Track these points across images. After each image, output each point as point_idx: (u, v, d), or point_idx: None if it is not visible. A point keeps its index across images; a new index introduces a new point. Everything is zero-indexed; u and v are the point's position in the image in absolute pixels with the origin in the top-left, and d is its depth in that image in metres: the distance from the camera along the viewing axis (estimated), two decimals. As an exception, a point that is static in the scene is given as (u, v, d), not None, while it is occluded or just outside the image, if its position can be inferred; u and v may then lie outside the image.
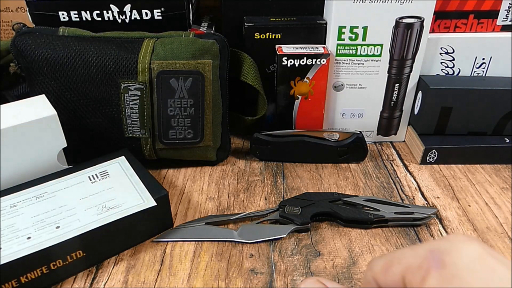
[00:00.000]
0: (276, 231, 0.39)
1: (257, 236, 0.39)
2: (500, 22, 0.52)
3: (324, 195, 0.42)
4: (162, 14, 0.48)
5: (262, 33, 0.50)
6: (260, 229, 0.40)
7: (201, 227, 0.40)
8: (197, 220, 0.41)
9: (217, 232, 0.39)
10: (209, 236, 0.39)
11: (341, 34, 0.49)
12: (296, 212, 0.40)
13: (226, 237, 0.39)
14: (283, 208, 0.41)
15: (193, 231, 0.39)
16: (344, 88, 0.53)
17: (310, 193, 0.43)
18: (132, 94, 0.44)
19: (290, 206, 0.41)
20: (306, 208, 0.40)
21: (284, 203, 0.41)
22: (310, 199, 0.42)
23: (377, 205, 0.41)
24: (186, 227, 0.40)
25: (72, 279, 0.35)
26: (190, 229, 0.40)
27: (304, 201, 0.41)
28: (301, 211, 0.40)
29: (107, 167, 0.41)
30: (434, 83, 0.51)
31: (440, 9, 0.51)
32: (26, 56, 0.43)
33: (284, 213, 0.40)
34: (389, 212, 0.40)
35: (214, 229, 0.40)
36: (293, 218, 0.40)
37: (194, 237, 0.39)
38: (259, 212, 0.42)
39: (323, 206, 0.41)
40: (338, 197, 0.42)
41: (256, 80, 0.50)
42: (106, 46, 0.43)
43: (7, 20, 0.56)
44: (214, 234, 0.39)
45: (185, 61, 0.44)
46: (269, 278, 0.35)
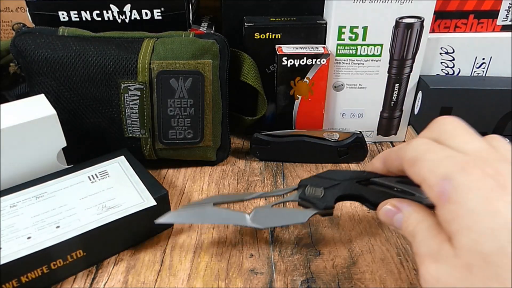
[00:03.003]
0: (294, 216, 0.34)
1: (273, 221, 0.34)
2: (500, 22, 0.52)
3: (351, 174, 0.34)
4: (162, 14, 0.48)
5: (262, 33, 0.50)
6: (276, 213, 0.35)
7: (208, 208, 0.35)
8: (204, 200, 0.36)
9: (227, 215, 0.35)
10: (217, 219, 0.35)
11: (341, 34, 0.49)
12: (318, 195, 0.33)
13: (237, 221, 0.34)
14: (303, 189, 0.34)
15: (199, 213, 0.34)
16: (344, 88, 0.53)
17: (335, 171, 0.35)
18: (132, 94, 0.44)
19: (312, 187, 0.34)
20: (330, 190, 0.34)
21: (304, 183, 0.35)
22: (334, 178, 0.34)
23: (412, 188, 0.31)
24: (191, 208, 0.35)
25: (72, 279, 0.35)
26: (196, 210, 0.35)
27: (327, 181, 0.34)
28: (324, 194, 0.33)
29: (107, 167, 0.41)
30: (434, 83, 0.51)
31: (440, 9, 0.51)
32: (26, 56, 0.43)
33: (304, 195, 0.34)
34: (425, 198, 0.30)
35: (223, 212, 0.35)
36: (314, 202, 0.33)
37: (200, 220, 0.35)
38: (274, 192, 0.37)
39: (350, 187, 0.33)
40: (367, 176, 0.33)
41: (256, 80, 0.50)
42: (106, 46, 0.43)
43: (7, 20, 0.56)
44: (223, 217, 0.35)
45: (185, 61, 0.44)
46: (269, 278, 0.35)
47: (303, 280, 0.34)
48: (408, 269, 0.36)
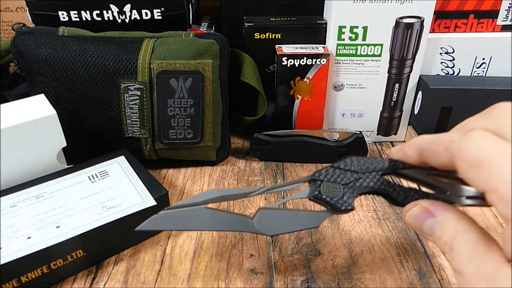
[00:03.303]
0: (306, 220, 0.28)
1: (281, 226, 0.28)
2: (500, 22, 0.52)
3: (375, 164, 0.27)
4: (162, 14, 0.48)
5: (262, 33, 0.50)
6: (284, 216, 0.29)
7: (201, 211, 0.29)
8: (195, 198, 0.29)
9: (224, 219, 0.29)
10: (213, 225, 0.29)
11: (341, 34, 0.49)
12: (336, 194, 0.28)
13: (237, 227, 0.29)
14: (316, 185, 0.28)
15: (190, 218, 0.29)
16: (344, 88, 0.53)
17: (355, 159, 0.28)
18: (132, 94, 0.44)
19: (328, 183, 0.28)
20: (350, 187, 0.28)
21: (318, 177, 0.28)
22: (355, 170, 0.28)
23: (444, 183, 0.27)
24: (179, 211, 0.29)
25: (72, 279, 0.35)
26: (185, 215, 0.29)
27: (346, 174, 0.28)
28: (343, 192, 0.28)
29: (106, 167, 0.41)
30: (434, 83, 0.51)
31: (440, 9, 0.51)
32: (26, 56, 0.43)
33: (318, 195, 0.28)
34: (459, 196, 0.26)
35: (219, 216, 0.29)
36: (332, 204, 0.28)
37: (191, 226, 0.28)
38: (281, 187, 0.30)
39: (374, 183, 0.27)
40: (394, 167, 0.27)
41: (256, 80, 0.50)
42: (106, 46, 0.43)
43: (7, 20, 0.56)
44: (220, 223, 0.29)
45: (185, 61, 0.44)
46: (269, 278, 0.35)
47: (303, 280, 0.34)
48: (408, 269, 0.36)
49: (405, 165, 0.27)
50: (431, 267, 0.36)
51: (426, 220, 0.24)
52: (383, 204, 0.44)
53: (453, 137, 0.21)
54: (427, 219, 0.24)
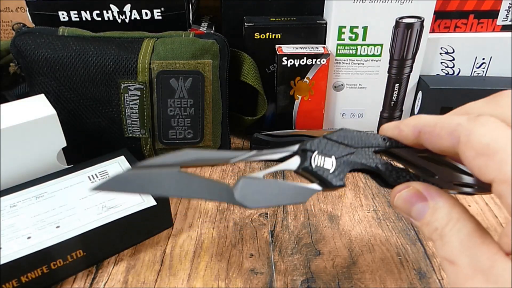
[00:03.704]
0: (292, 194, 0.25)
1: (265, 199, 0.24)
2: (500, 22, 0.52)
3: (369, 140, 0.26)
4: (162, 14, 0.48)
5: (262, 33, 0.50)
6: (269, 188, 0.25)
7: (173, 173, 0.23)
8: (169, 158, 0.24)
9: (201, 185, 0.24)
10: (185, 191, 0.23)
11: (341, 34, 0.49)
12: (328, 168, 0.25)
13: (214, 196, 0.24)
14: (307, 156, 0.25)
15: (159, 180, 0.23)
16: (344, 88, 0.53)
17: (348, 132, 0.26)
18: (132, 94, 0.44)
19: (321, 155, 0.25)
20: (343, 160, 0.25)
21: (309, 147, 0.25)
22: (348, 144, 0.26)
23: (434, 166, 0.26)
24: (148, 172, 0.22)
25: (72, 279, 0.35)
26: (154, 176, 0.22)
27: (339, 147, 0.26)
28: (336, 166, 0.25)
29: (106, 167, 0.41)
30: (434, 83, 0.51)
31: (440, 9, 0.51)
32: (26, 56, 0.43)
33: (309, 167, 0.25)
34: (447, 182, 0.25)
35: (195, 180, 0.23)
36: (324, 178, 0.25)
37: (158, 190, 0.22)
38: (266, 154, 0.26)
39: (366, 159, 0.26)
40: (387, 145, 0.26)
41: (256, 80, 0.50)
42: (106, 46, 0.43)
43: (7, 20, 0.56)
44: (195, 189, 0.23)
45: (185, 61, 0.44)
46: (269, 278, 0.35)
47: (303, 280, 0.34)
48: (408, 269, 0.36)
49: (398, 143, 0.25)
50: (431, 267, 0.36)
51: (417, 204, 0.22)
52: (383, 204, 0.44)
53: (460, 121, 0.20)
54: (418, 203, 0.22)
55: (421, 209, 0.22)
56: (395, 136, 0.25)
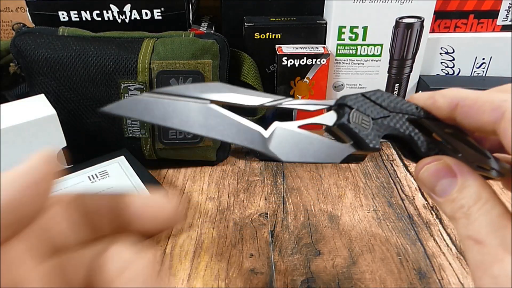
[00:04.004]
0: (327, 152, 0.23)
1: (300, 153, 0.23)
2: (500, 22, 0.52)
3: (404, 106, 0.24)
4: (162, 14, 0.48)
5: (262, 33, 0.50)
6: (303, 141, 0.23)
7: (202, 106, 0.20)
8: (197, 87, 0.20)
9: (234, 127, 0.21)
10: (214, 130, 0.20)
11: (341, 34, 0.49)
12: (365, 126, 0.23)
13: (245, 141, 0.21)
14: (344, 112, 0.24)
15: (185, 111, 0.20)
16: (344, 88, 0.53)
17: (384, 94, 0.25)
18: (132, 94, 0.44)
19: (359, 112, 0.24)
20: (379, 122, 0.24)
21: (348, 102, 0.24)
22: (384, 107, 0.24)
23: (459, 144, 0.24)
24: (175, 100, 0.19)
25: (72, 279, 0.35)
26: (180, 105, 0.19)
27: (376, 107, 0.24)
28: (372, 126, 0.24)
29: (107, 167, 0.41)
30: (434, 83, 0.51)
31: (440, 9, 0.51)
32: (26, 56, 0.43)
33: (347, 123, 0.23)
34: (469, 162, 0.24)
35: (227, 121, 0.21)
36: (360, 137, 0.23)
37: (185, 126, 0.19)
38: (299, 105, 0.25)
39: (400, 125, 0.24)
40: (419, 114, 0.24)
41: (256, 80, 0.50)
42: (106, 46, 0.43)
43: (7, 20, 0.56)
44: (226, 130, 0.21)
45: (185, 61, 0.44)
46: (269, 278, 0.35)
47: (303, 280, 0.34)
48: (408, 269, 0.36)
49: (429, 115, 0.24)
50: (431, 267, 0.36)
51: (444, 179, 0.21)
52: (383, 204, 0.44)
53: (505, 98, 0.19)
54: (446, 178, 0.21)
55: (448, 185, 0.21)
56: (428, 106, 0.23)
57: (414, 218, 0.42)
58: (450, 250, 0.38)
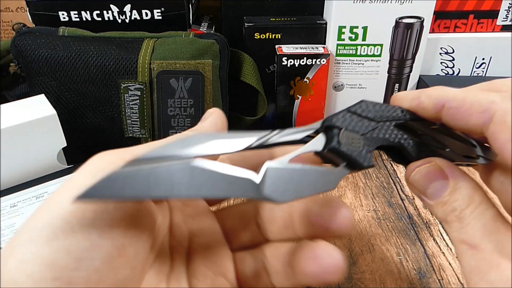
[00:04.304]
0: (321, 181, 0.22)
1: (295, 189, 0.21)
2: (500, 22, 0.52)
3: (389, 111, 0.23)
4: (162, 14, 0.48)
5: (262, 33, 0.50)
6: (297, 175, 0.21)
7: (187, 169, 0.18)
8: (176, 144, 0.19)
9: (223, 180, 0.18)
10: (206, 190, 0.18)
11: (341, 34, 0.49)
12: (356, 145, 0.22)
13: (237, 192, 0.19)
14: (333, 133, 0.22)
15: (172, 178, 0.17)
16: (344, 88, 0.53)
17: (369, 104, 0.23)
18: (132, 94, 0.44)
19: (348, 131, 0.22)
20: (368, 137, 0.23)
21: (335, 123, 0.22)
22: (371, 118, 0.23)
23: (446, 139, 0.24)
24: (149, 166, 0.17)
25: (72, 279, 0.35)
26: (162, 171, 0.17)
27: (364, 122, 0.23)
28: (363, 144, 0.23)
29: (107, 167, 0.41)
30: (434, 83, 0.51)
31: (440, 9, 0.51)
32: (26, 56, 0.43)
33: (337, 146, 0.22)
34: (457, 154, 0.24)
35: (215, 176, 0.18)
36: (353, 158, 0.22)
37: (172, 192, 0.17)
38: (286, 136, 0.23)
39: (389, 134, 0.23)
40: (405, 118, 0.23)
41: (256, 80, 0.50)
42: (106, 46, 0.43)
43: (7, 20, 0.56)
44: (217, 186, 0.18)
45: (185, 61, 0.44)
46: (269, 278, 0.35)
47: (303, 280, 0.34)
48: (408, 269, 0.36)
49: (415, 116, 0.23)
50: (431, 267, 0.36)
51: (436, 181, 0.21)
52: (383, 204, 0.44)
53: (493, 99, 0.19)
54: (437, 180, 0.21)
55: (440, 188, 0.20)
56: (413, 107, 0.23)
57: (414, 218, 0.42)
58: (450, 250, 0.38)
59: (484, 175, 0.23)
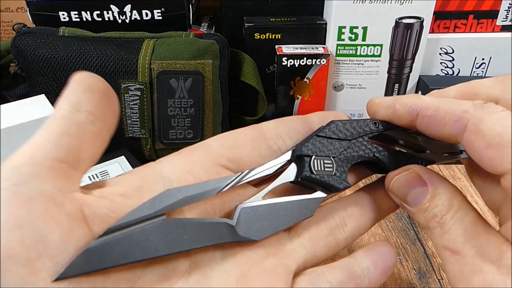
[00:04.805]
0: (298, 211, 0.22)
1: (271, 225, 0.21)
2: (500, 22, 0.52)
3: (360, 128, 0.23)
4: (162, 15, 0.48)
5: (262, 33, 0.50)
6: (272, 211, 0.21)
7: (160, 227, 0.18)
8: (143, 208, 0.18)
9: (199, 230, 0.19)
10: (184, 244, 0.18)
11: (341, 34, 0.49)
12: (329, 169, 0.22)
13: (214, 239, 0.19)
14: (304, 161, 0.22)
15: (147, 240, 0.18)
16: (344, 88, 0.53)
17: (339, 124, 0.23)
18: (132, 94, 0.44)
19: (319, 158, 0.22)
20: (342, 158, 0.23)
21: (304, 151, 0.22)
22: (342, 138, 0.23)
23: (424, 141, 0.24)
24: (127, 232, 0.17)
25: (72, 279, 0.35)
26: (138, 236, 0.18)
27: (334, 143, 0.23)
28: (336, 167, 0.23)
29: (107, 167, 0.41)
30: (434, 83, 0.51)
31: (440, 9, 0.51)
32: (26, 56, 0.43)
33: (310, 174, 0.22)
34: (437, 154, 0.25)
35: (190, 228, 0.19)
36: (327, 183, 0.22)
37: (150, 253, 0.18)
38: (257, 173, 0.22)
39: (363, 150, 0.23)
40: (379, 129, 0.24)
41: (256, 80, 0.50)
42: (106, 46, 0.43)
43: (7, 20, 0.56)
44: (194, 238, 0.19)
45: (185, 61, 0.44)
46: (269, 278, 0.35)
47: (303, 280, 0.34)
48: (408, 269, 0.36)
49: (389, 125, 0.23)
50: (430, 267, 0.36)
51: (415, 189, 0.21)
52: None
53: (466, 108, 0.19)
54: (416, 187, 0.21)
55: (419, 194, 0.21)
56: (388, 115, 0.23)
57: (414, 218, 0.42)
58: (450, 250, 0.38)
59: (469, 170, 0.23)
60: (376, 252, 0.23)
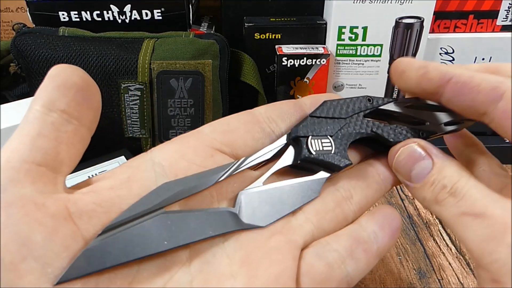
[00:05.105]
0: (302, 193, 0.21)
1: (277, 209, 0.20)
2: (500, 22, 0.52)
3: (354, 105, 0.23)
4: (162, 15, 0.48)
5: (262, 33, 0.50)
6: (274, 196, 0.21)
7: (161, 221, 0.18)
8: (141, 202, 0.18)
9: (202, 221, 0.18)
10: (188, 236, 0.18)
11: (341, 34, 0.49)
12: (328, 149, 0.22)
13: (222, 228, 0.19)
14: (301, 144, 0.22)
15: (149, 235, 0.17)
16: (344, 88, 0.53)
17: (332, 103, 0.23)
18: (132, 94, 0.44)
19: (316, 138, 0.22)
20: (339, 136, 0.22)
21: (300, 133, 0.22)
22: (336, 116, 0.23)
23: (423, 113, 0.24)
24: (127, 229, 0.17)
25: (72, 279, 0.35)
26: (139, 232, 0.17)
27: (330, 122, 0.22)
28: (335, 145, 0.22)
29: (107, 167, 0.41)
30: (434, 83, 0.51)
31: (440, 9, 0.51)
32: (26, 56, 0.43)
33: (309, 155, 0.21)
34: (438, 124, 0.24)
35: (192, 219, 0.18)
36: (328, 162, 0.21)
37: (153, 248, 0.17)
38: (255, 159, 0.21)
39: (360, 126, 0.23)
40: (374, 105, 0.23)
41: (256, 80, 0.50)
42: (106, 46, 0.43)
43: (7, 20, 0.56)
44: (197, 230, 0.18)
45: (185, 61, 0.44)
46: (269, 278, 0.35)
47: (303, 280, 0.34)
48: (408, 269, 0.36)
49: (384, 100, 0.23)
50: (431, 267, 0.36)
51: (420, 162, 0.20)
52: (383, 204, 0.44)
53: (501, 79, 0.19)
54: (422, 160, 0.20)
55: (424, 168, 0.20)
56: (418, 76, 0.21)
57: (414, 218, 0.42)
58: (450, 250, 0.38)
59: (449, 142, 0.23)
60: (380, 216, 0.22)
